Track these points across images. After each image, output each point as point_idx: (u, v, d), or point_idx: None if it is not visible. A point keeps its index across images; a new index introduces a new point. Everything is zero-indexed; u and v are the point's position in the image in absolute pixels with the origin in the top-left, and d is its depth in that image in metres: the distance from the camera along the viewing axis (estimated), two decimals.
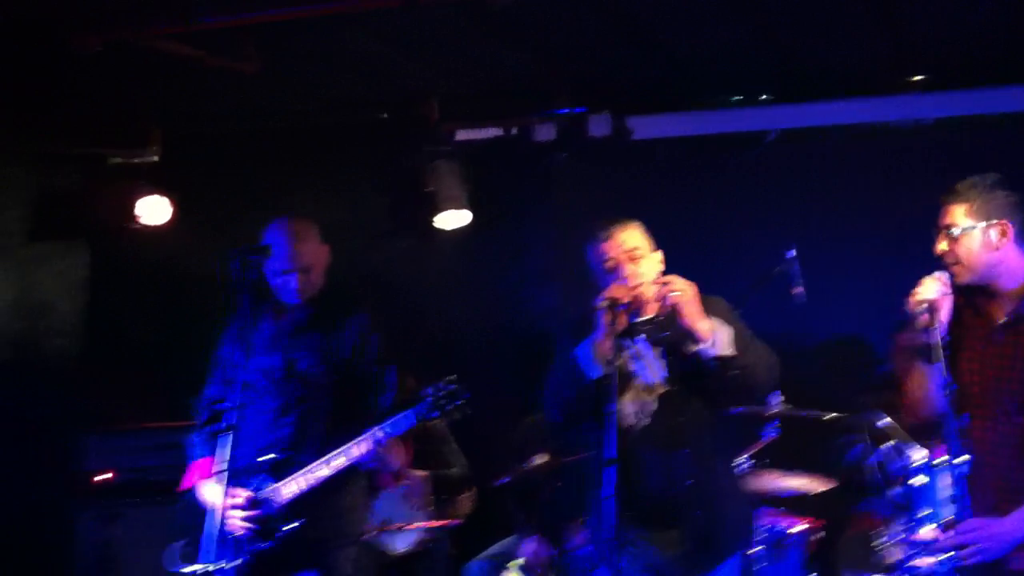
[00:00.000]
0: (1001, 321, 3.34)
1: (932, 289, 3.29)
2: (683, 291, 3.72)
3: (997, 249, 3.31)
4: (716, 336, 3.72)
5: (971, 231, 3.31)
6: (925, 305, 3.26)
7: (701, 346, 3.72)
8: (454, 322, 6.52)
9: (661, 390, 3.86)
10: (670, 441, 3.80)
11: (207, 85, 5.80)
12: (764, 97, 6.29)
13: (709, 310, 3.78)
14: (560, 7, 5.09)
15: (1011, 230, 3.32)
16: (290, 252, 4.14)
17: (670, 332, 3.80)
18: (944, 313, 3.29)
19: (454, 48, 5.55)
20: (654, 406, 3.86)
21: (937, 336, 3.24)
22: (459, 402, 4.03)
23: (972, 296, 3.39)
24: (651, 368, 3.89)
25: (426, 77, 5.96)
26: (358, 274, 4.37)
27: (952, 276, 3.33)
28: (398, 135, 6.44)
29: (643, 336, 3.92)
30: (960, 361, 3.34)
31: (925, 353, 3.28)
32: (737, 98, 6.33)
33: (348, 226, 4.41)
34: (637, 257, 3.90)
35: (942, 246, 3.36)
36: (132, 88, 5.92)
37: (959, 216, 3.33)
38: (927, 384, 3.33)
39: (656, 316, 3.92)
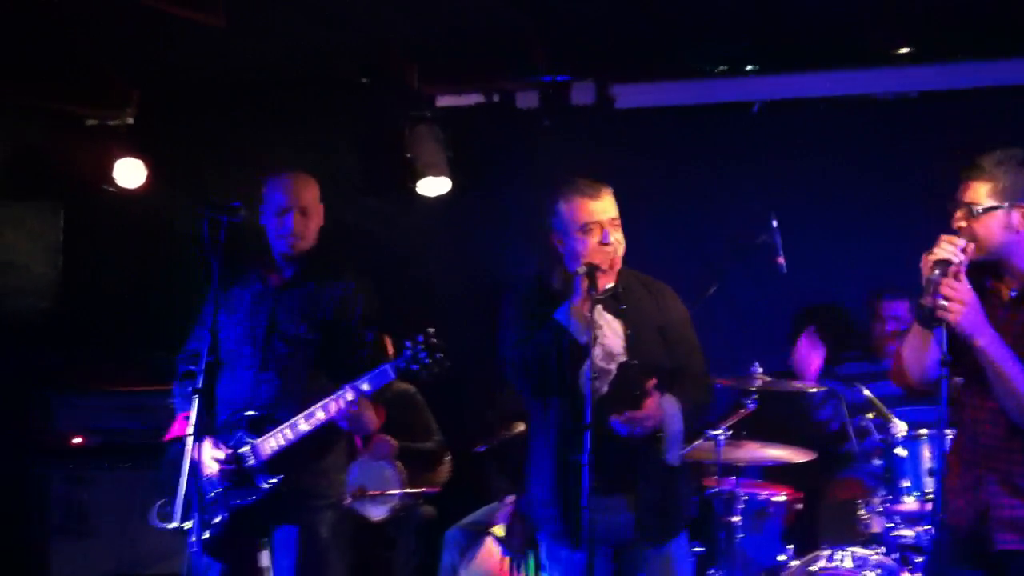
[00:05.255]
0: (1007, 298, 3.23)
1: (948, 251, 3.11)
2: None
3: (1017, 232, 3.17)
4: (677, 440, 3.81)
5: (993, 212, 3.15)
6: (939, 269, 3.09)
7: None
8: (435, 287, 6.47)
9: (620, 360, 3.85)
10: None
11: (179, 42, 5.68)
12: (749, 68, 6.23)
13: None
14: None
15: None
16: (291, 190, 4.15)
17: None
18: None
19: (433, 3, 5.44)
20: (612, 375, 3.84)
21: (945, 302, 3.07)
22: (439, 355, 3.90)
23: (978, 272, 3.23)
24: (610, 337, 3.86)
25: (403, 31, 5.80)
26: (339, 236, 4.32)
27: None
28: (378, 98, 6.35)
29: (601, 307, 3.87)
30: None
31: (929, 317, 3.11)
32: (722, 68, 6.27)
33: (329, 188, 4.34)
34: (618, 225, 3.88)
35: (960, 223, 3.20)
36: (103, 45, 5.79)
37: (982, 195, 3.17)
38: (924, 349, 3.22)
39: (614, 287, 3.88)
